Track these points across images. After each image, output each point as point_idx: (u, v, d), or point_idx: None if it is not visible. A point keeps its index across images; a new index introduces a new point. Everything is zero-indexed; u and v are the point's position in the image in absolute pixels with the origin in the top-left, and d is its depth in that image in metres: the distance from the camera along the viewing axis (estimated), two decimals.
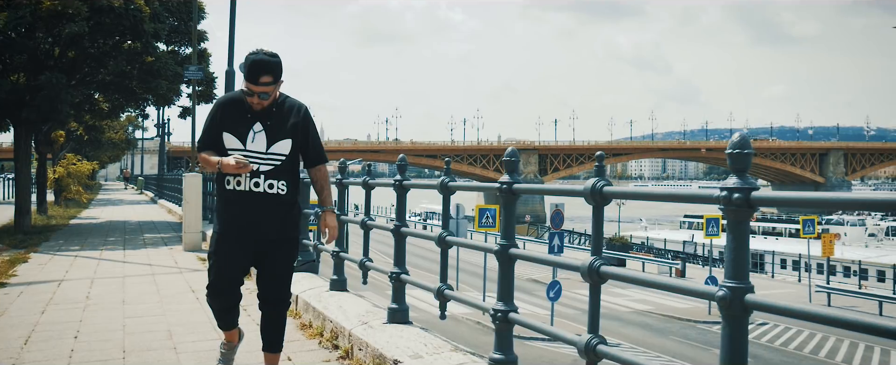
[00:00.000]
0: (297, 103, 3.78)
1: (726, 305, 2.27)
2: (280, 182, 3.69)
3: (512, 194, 3.55)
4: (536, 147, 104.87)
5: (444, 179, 4.30)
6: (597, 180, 2.93)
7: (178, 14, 16.92)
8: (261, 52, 3.61)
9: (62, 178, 29.82)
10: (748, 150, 2.28)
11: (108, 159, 63.56)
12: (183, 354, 4.92)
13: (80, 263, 10.32)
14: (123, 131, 50.58)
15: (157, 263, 10.32)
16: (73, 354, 4.98)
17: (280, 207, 3.70)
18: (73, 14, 13.43)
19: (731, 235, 2.31)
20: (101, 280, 8.66)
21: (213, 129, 3.72)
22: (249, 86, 3.59)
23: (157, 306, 6.81)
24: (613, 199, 2.95)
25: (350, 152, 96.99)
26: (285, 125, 3.70)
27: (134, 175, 66.52)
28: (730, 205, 2.26)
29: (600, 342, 2.92)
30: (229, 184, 3.69)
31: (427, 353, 4.03)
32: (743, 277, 2.29)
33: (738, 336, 2.30)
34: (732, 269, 2.31)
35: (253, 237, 3.69)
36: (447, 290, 4.37)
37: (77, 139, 38.86)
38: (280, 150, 3.68)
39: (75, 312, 6.50)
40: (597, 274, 2.91)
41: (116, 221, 20.70)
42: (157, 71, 15.69)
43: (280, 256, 3.79)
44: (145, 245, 13.14)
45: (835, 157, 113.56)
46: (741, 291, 2.26)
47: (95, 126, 33.75)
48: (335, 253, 6.10)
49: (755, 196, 2.24)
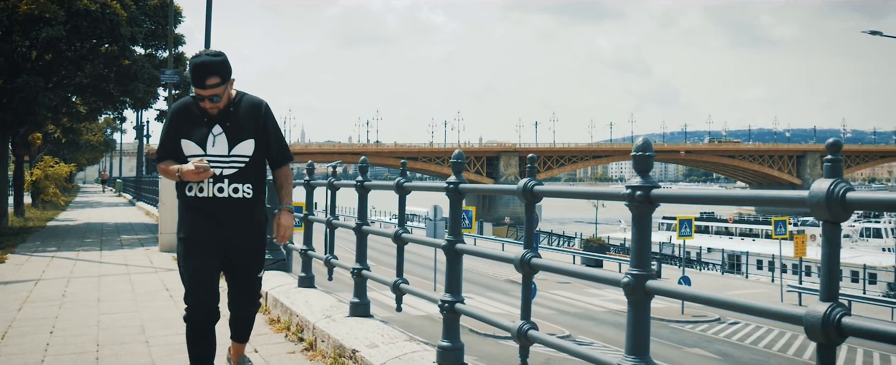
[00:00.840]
0: (256, 100, 3.67)
1: (630, 290, 2.53)
2: (245, 185, 3.59)
3: (458, 193, 3.73)
4: (517, 149, 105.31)
5: (399, 180, 4.46)
6: (528, 180, 3.16)
7: (155, 18, 17.07)
8: (203, 54, 3.48)
9: (39, 180, 29.78)
10: (650, 152, 2.55)
11: (87, 161, 63.18)
12: (154, 347, 5.16)
13: (57, 264, 10.48)
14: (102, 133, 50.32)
15: (132, 262, 10.51)
16: (48, 347, 5.20)
17: (246, 211, 3.61)
18: (49, 18, 13.56)
19: (636, 228, 2.56)
20: (77, 279, 8.85)
21: (171, 139, 3.61)
22: (197, 90, 3.47)
23: (131, 303, 7.02)
24: (544, 196, 3.17)
25: (331, 154, 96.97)
26: (246, 125, 3.59)
27: (112, 177, 66.17)
28: (633, 201, 2.54)
29: (531, 328, 3.20)
30: (191, 190, 3.58)
31: (383, 342, 4.30)
32: (645, 266, 2.55)
33: (641, 319, 2.56)
34: (636, 258, 2.57)
35: (219, 244, 3.59)
36: (403, 284, 4.60)
37: (54, 141, 38.71)
38: (243, 152, 3.58)
39: (51, 309, 6.70)
40: (528, 265, 3.21)
41: (94, 223, 20.76)
42: (133, 74, 15.84)
43: (248, 263, 3.73)
44: (122, 246, 13.30)
45: (812, 159, 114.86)
46: (643, 278, 2.52)
47: (73, 128, 33.69)
48: (303, 251, 6.37)
49: (655, 193, 2.51)
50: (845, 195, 1.87)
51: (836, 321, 1.87)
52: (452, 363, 3.77)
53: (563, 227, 58.57)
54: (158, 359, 4.85)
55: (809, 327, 1.90)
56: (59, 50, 15.34)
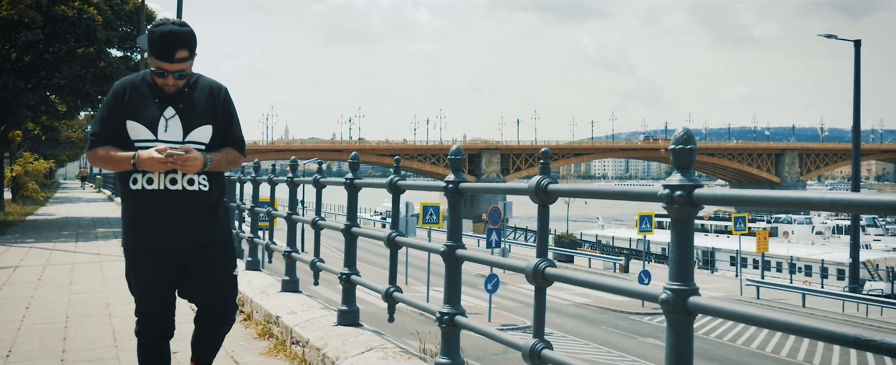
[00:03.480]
0: (215, 83, 3.27)
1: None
2: (201, 176, 3.16)
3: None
4: (499, 147, 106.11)
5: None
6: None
7: (130, 21, 17.90)
8: (168, 23, 3.06)
9: (19, 176, 30.41)
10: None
11: (67, 158, 63.59)
12: (115, 319, 6.06)
13: (35, 253, 11.33)
14: (82, 130, 50.83)
15: (105, 252, 11.37)
16: (24, 319, 6.09)
17: (203, 206, 3.18)
18: (28, 22, 14.36)
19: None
20: (52, 266, 9.71)
21: (114, 119, 3.11)
22: (162, 65, 3.03)
23: (99, 286, 7.91)
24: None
25: (313, 151, 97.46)
26: (202, 108, 3.17)
27: (92, 174, 66.53)
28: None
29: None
30: (136, 183, 3.11)
31: (300, 309, 5.24)
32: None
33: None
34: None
35: (171, 246, 3.14)
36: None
37: (34, 138, 39.30)
38: (198, 138, 3.15)
39: (28, 290, 7.58)
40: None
41: (72, 217, 21.52)
42: (109, 75, 16.67)
43: (212, 260, 3.24)
44: (97, 238, 14.14)
45: (790, 157, 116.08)
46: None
47: (52, 126, 34.33)
48: (250, 238, 7.29)
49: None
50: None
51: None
52: (350, 322, 4.69)
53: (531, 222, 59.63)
54: (118, 328, 5.74)
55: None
56: (37, 52, 16.13)
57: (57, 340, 5.31)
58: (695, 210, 2.17)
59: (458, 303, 3.45)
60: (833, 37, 31.04)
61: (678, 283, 2.18)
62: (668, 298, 2.17)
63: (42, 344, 5.18)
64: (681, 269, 2.20)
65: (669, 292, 2.18)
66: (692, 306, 2.15)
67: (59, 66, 16.72)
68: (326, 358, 4.11)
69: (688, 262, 2.20)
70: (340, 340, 4.32)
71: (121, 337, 5.37)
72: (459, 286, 3.48)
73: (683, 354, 2.25)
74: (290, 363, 4.61)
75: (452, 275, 3.46)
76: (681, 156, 2.19)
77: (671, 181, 2.17)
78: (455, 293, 3.45)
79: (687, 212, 2.17)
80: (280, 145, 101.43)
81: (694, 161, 2.24)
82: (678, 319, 2.19)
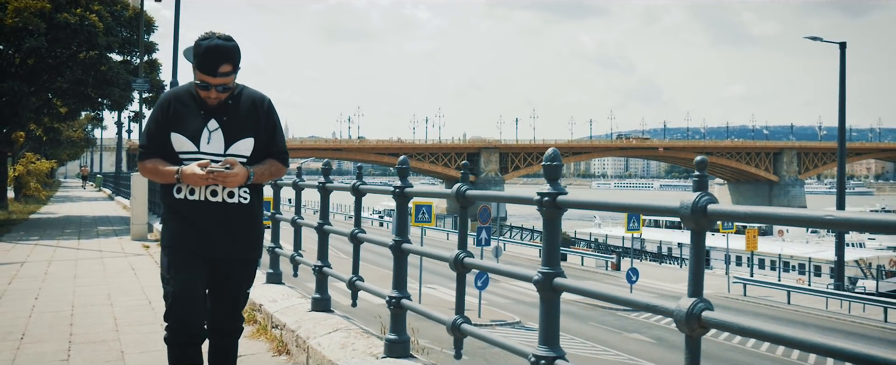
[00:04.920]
0: (258, 95, 3.28)
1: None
2: (242, 189, 3.21)
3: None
4: (498, 146, 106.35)
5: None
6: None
7: (130, 27, 18.58)
8: (214, 37, 3.07)
9: (22, 175, 31.07)
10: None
11: (68, 157, 64.37)
12: (116, 308, 6.72)
13: (40, 250, 12.00)
14: (82, 130, 51.54)
15: (106, 249, 12.04)
16: (33, 308, 6.74)
17: (242, 218, 3.23)
18: (32, 30, 15.02)
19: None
20: (57, 262, 10.37)
21: (160, 132, 3.18)
22: (206, 78, 3.07)
23: (101, 279, 8.57)
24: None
25: (313, 150, 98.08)
26: (245, 121, 3.20)
27: (92, 173, 67.23)
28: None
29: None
30: (180, 192, 3.17)
31: (281, 298, 5.89)
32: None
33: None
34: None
35: (210, 255, 3.19)
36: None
37: (36, 139, 39.99)
38: (241, 151, 3.19)
39: (35, 283, 8.24)
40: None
41: (73, 215, 22.18)
42: (110, 79, 17.36)
43: (239, 278, 3.32)
44: (98, 235, 14.81)
45: (788, 156, 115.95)
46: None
47: (54, 127, 35.02)
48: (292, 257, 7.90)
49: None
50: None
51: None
52: (322, 308, 5.35)
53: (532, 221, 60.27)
54: (119, 316, 6.39)
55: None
56: (41, 57, 16.79)
57: (64, 325, 5.97)
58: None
59: (404, 288, 3.89)
60: (819, 39, 31.67)
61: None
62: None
63: (51, 329, 5.83)
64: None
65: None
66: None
67: (61, 70, 17.39)
68: (299, 338, 4.77)
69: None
70: (312, 323, 4.97)
71: (121, 323, 6.03)
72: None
73: (553, 324, 2.62)
74: (270, 344, 5.26)
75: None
76: (550, 170, 2.74)
77: (544, 189, 2.46)
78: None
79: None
80: None
81: (559, 175, 2.76)
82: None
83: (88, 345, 5.28)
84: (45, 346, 5.27)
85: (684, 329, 2.18)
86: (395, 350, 4.01)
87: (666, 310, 2.26)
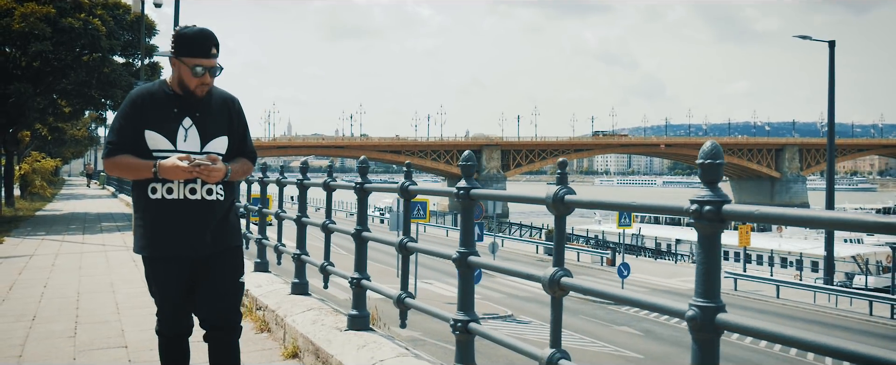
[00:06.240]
0: (228, 95, 3.33)
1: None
2: (218, 186, 3.21)
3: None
4: (500, 143, 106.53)
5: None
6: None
7: (132, 30, 19.25)
8: (195, 27, 3.14)
9: (27, 174, 31.78)
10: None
11: (72, 155, 65.11)
12: (118, 295, 7.38)
13: (46, 244, 12.68)
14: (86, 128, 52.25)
15: (109, 243, 12.71)
16: (43, 295, 7.41)
17: (218, 214, 3.24)
18: (38, 34, 15.68)
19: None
20: (63, 255, 11.05)
21: (132, 129, 3.13)
22: (201, 61, 3.08)
23: (105, 270, 9.24)
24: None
25: (316, 148, 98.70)
26: (217, 119, 3.24)
27: (97, 171, 67.95)
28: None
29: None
30: (155, 192, 3.14)
31: (266, 284, 6.54)
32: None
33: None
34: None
35: (191, 255, 3.20)
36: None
37: (41, 138, 40.71)
38: (216, 149, 3.22)
39: (43, 274, 8.91)
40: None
41: (78, 212, 22.86)
42: (113, 81, 18.02)
43: (224, 268, 3.28)
44: (102, 231, 15.49)
45: (790, 152, 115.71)
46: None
47: (58, 126, 35.75)
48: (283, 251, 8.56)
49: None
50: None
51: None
52: (300, 292, 5.99)
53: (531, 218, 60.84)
54: (120, 301, 7.05)
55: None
56: (46, 59, 17.46)
57: (71, 309, 6.63)
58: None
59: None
60: (808, 38, 32.21)
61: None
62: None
63: (59, 312, 6.49)
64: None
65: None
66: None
67: (66, 72, 18.06)
68: (278, 317, 5.42)
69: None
70: (290, 304, 5.62)
71: (123, 307, 6.68)
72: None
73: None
74: (254, 324, 5.90)
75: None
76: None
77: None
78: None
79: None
80: (282, 142, 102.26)
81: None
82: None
83: (93, 325, 5.94)
84: (55, 325, 5.92)
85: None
86: (357, 323, 4.66)
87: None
